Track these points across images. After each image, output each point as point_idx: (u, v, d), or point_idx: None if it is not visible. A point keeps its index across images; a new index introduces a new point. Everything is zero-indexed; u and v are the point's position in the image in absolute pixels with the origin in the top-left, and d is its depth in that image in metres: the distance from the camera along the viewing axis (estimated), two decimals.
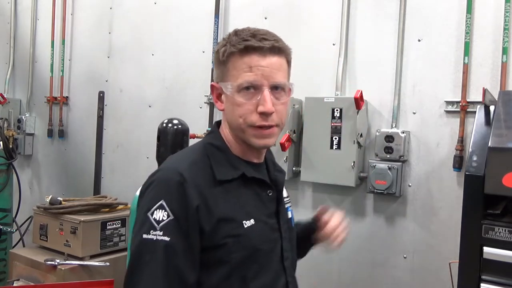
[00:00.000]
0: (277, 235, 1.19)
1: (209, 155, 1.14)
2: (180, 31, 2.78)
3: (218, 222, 1.07)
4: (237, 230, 1.09)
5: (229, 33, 1.13)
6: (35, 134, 3.60)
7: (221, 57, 1.11)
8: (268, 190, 1.19)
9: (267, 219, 1.17)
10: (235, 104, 1.09)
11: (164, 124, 2.07)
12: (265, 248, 1.15)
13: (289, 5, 2.37)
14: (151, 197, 1.07)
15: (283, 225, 1.21)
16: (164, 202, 1.04)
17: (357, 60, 2.18)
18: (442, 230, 1.96)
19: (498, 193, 1.30)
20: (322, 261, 2.26)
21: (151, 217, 1.04)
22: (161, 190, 1.07)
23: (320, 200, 2.27)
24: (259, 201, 1.17)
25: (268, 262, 1.16)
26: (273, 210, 1.20)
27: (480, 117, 1.53)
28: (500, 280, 1.29)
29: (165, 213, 1.04)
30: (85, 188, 3.21)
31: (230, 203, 1.11)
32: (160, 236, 1.02)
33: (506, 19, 1.81)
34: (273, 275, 1.17)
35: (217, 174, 1.11)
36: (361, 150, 2.09)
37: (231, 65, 1.10)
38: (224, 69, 1.12)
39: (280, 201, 1.23)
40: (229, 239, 1.08)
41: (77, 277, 2.30)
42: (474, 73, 1.90)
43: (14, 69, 3.71)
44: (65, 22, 3.36)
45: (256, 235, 1.12)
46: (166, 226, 1.03)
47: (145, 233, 1.03)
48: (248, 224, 1.11)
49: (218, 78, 1.15)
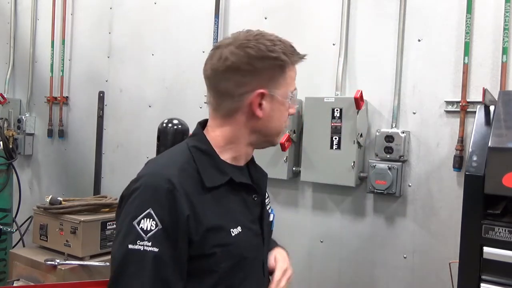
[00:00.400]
0: (260, 241, 1.19)
1: (196, 159, 1.11)
2: (180, 31, 2.78)
3: (207, 232, 1.04)
4: (226, 239, 1.07)
5: (271, 39, 1.10)
6: (35, 134, 3.60)
7: (279, 62, 1.10)
8: (254, 195, 1.18)
9: (251, 225, 1.16)
10: (285, 110, 1.15)
11: (164, 124, 2.07)
12: (250, 256, 1.14)
13: (289, 5, 2.37)
14: (136, 204, 1.01)
15: (265, 229, 1.21)
16: (152, 210, 0.99)
17: (357, 60, 2.18)
18: (442, 230, 1.96)
19: (498, 193, 1.30)
20: (322, 261, 2.26)
21: (137, 226, 0.98)
22: (149, 198, 1.01)
23: (320, 200, 2.27)
24: (245, 206, 1.16)
25: (252, 270, 1.15)
26: (257, 215, 1.19)
27: (480, 117, 1.53)
28: (500, 280, 1.29)
29: (153, 222, 0.98)
30: (85, 188, 3.21)
31: (218, 211, 1.08)
32: (149, 247, 0.97)
33: (506, 19, 1.81)
34: (256, 282, 1.17)
35: (206, 181, 1.08)
36: (361, 150, 2.09)
37: (288, 74, 1.12)
38: (279, 77, 1.11)
39: (263, 205, 1.22)
40: (217, 248, 1.05)
41: (77, 277, 2.30)
42: (474, 73, 1.90)
43: (14, 69, 3.71)
44: (65, 22, 3.36)
45: (243, 243, 1.11)
46: (155, 236, 0.98)
47: (131, 243, 0.98)
48: (235, 232, 1.09)
49: (261, 85, 1.10)
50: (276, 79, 1.11)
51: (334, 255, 2.23)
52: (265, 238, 1.20)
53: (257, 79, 1.09)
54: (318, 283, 2.28)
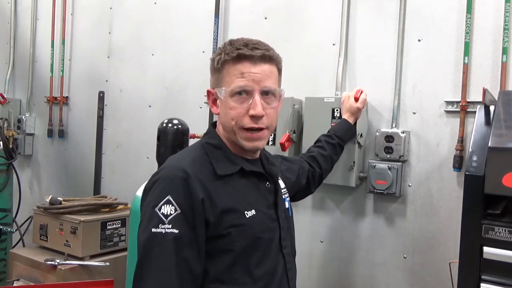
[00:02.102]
0: (276, 225, 1.27)
1: (208, 153, 1.22)
2: (180, 31, 2.78)
3: (222, 213, 1.14)
4: (240, 220, 1.17)
5: (225, 42, 1.24)
6: (35, 134, 3.60)
7: (216, 65, 1.21)
8: (266, 183, 1.28)
9: (266, 210, 1.25)
10: (228, 107, 1.19)
11: (164, 124, 2.07)
12: (265, 236, 1.23)
13: (289, 5, 2.37)
14: (157, 193, 1.13)
15: (280, 215, 1.30)
16: (170, 197, 1.10)
17: (357, 60, 2.18)
18: (442, 230, 1.96)
19: (498, 193, 1.30)
20: (322, 261, 2.26)
21: (159, 212, 1.09)
22: (167, 187, 1.13)
23: (320, 200, 2.27)
24: (259, 193, 1.26)
25: (269, 251, 1.24)
26: (272, 201, 1.28)
27: (480, 117, 1.53)
28: (500, 280, 1.29)
29: (173, 207, 1.10)
30: (85, 188, 3.21)
31: (232, 195, 1.18)
32: (169, 229, 1.08)
33: (506, 19, 1.81)
34: (274, 263, 1.25)
35: (218, 170, 1.19)
36: (361, 150, 2.08)
37: (225, 72, 1.19)
38: (219, 76, 1.22)
39: (277, 193, 1.31)
40: (232, 228, 1.15)
41: (77, 277, 2.30)
42: (474, 73, 1.90)
43: (14, 69, 3.71)
44: (65, 22, 3.36)
45: (257, 224, 1.20)
46: (174, 219, 1.09)
47: (154, 227, 1.09)
48: (249, 214, 1.19)
49: (213, 85, 1.25)
50: (217, 78, 1.23)
51: (334, 255, 2.23)
52: (281, 223, 1.29)
53: (211, 79, 1.26)
54: (318, 283, 2.28)
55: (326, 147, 1.83)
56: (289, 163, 1.64)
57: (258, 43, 1.20)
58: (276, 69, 1.24)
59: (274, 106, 1.22)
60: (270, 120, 1.22)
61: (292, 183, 1.60)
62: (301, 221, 2.30)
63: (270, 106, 1.21)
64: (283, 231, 1.29)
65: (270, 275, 1.22)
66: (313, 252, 2.29)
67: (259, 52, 1.17)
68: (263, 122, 1.19)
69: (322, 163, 1.79)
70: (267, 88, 1.19)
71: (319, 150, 1.82)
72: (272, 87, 1.20)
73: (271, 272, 1.23)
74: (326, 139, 1.86)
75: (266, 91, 1.19)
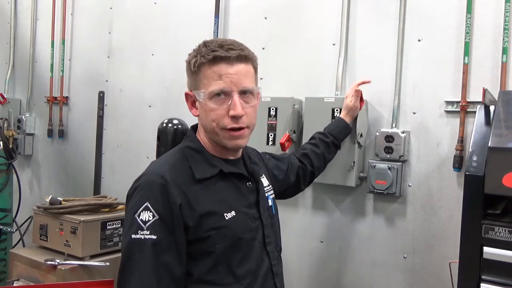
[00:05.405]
0: (258, 223, 1.30)
1: (188, 157, 1.25)
2: (180, 31, 2.78)
3: (201, 217, 1.17)
4: (219, 222, 1.19)
5: (199, 44, 1.25)
6: (35, 134, 3.60)
7: (193, 68, 1.23)
8: (248, 182, 1.30)
9: (247, 210, 1.27)
10: (208, 109, 1.21)
11: (164, 124, 2.07)
12: (247, 237, 1.25)
13: (289, 5, 2.37)
14: (137, 200, 1.15)
15: (263, 213, 1.32)
16: (149, 203, 1.13)
17: (357, 60, 2.18)
18: (442, 230, 1.96)
19: (498, 193, 1.30)
20: (322, 261, 2.26)
21: (138, 218, 1.13)
22: (146, 193, 1.15)
23: (320, 200, 2.27)
24: (239, 193, 1.28)
25: (251, 250, 1.26)
26: (253, 200, 1.30)
27: (480, 117, 1.53)
28: (500, 280, 1.29)
29: (151, 213, 1.12)
30: (85, 188, 3.21)
31: (211, 198, 1.20)
32: (148, 235, 1.11)
33: (506, 19, 1.81)
34: (257, 261, 1.27)
35: (196, 174, 1.21)
36: (361, 150, 2.08)
37: (202, 75, 1.21)
38: (196, 78, 1.23)
39: (259, 192, 1.33)
40: (212, 231, 1.18)
41: (77, 277, 2.30)
42: (474, 73, 1.90)
43: (14, 69, 3.71)
44: (65, 22, 3.36)
45: (237, 225, 1.22)
46: (152, 225, 1.12)
47: (133, 234, 1.12)
48: (229, 216, 1.21)
49: (191, 87, 1.27)
50: (194, 80, 1.24)
51: (334, 255, 2.23)
52: (264, 221, 1.32)
53: (189, 82, 1.28)
54: (318, 283, 2.28)
55: (319, 144, 1.84)
56: (277, 161, 1.66)
57: (232, 44, 1.22)
58: (252, 68, 1.26)
59: (253, 104, 1.24)
60: (250, 118, 1.24)
61: (280, 180, 1.63)
62: (301, 221, 2.30)
63: (249, 105, 1.23)
64: (266, 228, 1.32)
65: (254, 273, 1.25)
66: (313, 252, 2.29)
67: (234, 52, 1.18)
68: (243, 121, 1.21)
69: (314, 160, 1.79)
70: (245, 88, 1.21)
71: (312, 147, 1.83)
72: (250, 87, 1.22)
73: (255, 269, 1.26)
74: (320, 137, 1.86)
75: (244, 91, 1.21)
